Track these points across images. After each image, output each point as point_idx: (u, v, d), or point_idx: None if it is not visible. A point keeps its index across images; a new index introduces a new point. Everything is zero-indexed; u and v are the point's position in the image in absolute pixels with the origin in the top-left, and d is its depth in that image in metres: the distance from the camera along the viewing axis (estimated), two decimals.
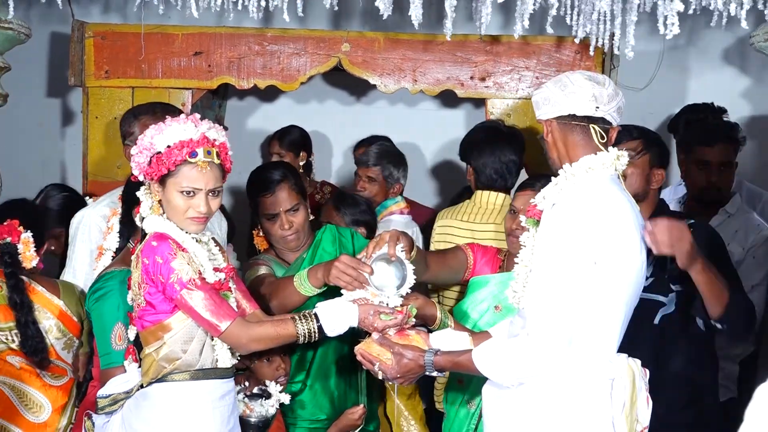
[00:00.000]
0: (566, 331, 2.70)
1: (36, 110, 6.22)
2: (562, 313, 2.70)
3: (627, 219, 2.79)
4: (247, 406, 3.42)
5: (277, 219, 3.62)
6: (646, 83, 5.73)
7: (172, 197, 2.98)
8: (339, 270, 3.17)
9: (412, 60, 4.81)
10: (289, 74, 4.81)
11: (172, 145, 2.95)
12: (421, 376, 3.05)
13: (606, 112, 2.86)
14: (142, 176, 3.01)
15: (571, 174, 2.86)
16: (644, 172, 3.42)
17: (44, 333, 3.56)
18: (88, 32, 4.75)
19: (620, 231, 2.76)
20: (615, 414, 2.75)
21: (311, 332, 3.00)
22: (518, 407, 2.85)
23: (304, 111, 6.38)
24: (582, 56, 4.68)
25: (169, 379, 3.00)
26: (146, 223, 3.03)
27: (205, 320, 2.92)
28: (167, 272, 2.90)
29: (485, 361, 2.83)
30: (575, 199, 2.78)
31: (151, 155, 2.96)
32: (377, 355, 3.02)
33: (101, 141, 4.73)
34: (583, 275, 2.70)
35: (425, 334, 3.14)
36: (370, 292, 3.15)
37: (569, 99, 2.85)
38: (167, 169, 2.95)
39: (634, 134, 3.44)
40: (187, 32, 4.78)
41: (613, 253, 2.73)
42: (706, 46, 5.96)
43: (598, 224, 2.72)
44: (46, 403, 3.54)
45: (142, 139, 2.99)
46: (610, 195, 2.80)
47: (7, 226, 3.59)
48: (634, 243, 2.80)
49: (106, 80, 4.76)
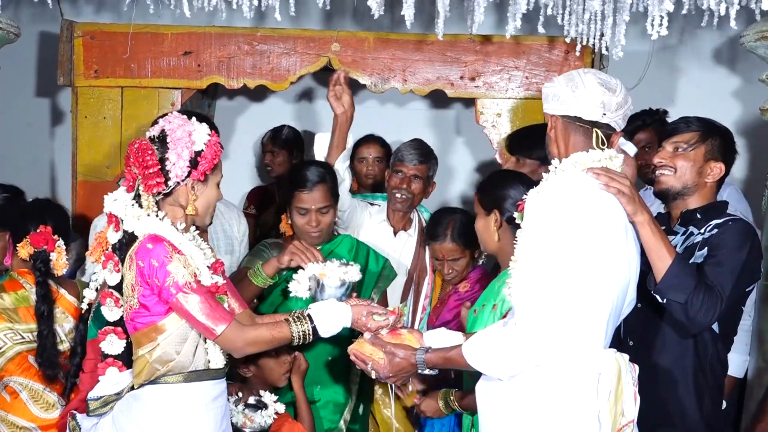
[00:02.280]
0: (552, 318, 2.70)
1: (25, 110, 6.19)
2: (545, 301, 2.70)
3: (606, 212, 2.79)
4: (247, 417, 3.42)
5: (308, 215, 3.84)
6: (635, 83, 5.74)
7: (212, 191, 3.08)
8: (293, 250, 3.60)
9: (401, 60, 4.81)
10: (279, 74, 4.81)
11: (207, 141, 3.00)
12: (413, 374, 3.06)
13: (612, 119, 2.88)
14: (179, 179, 3.00)
15: (560, 170, 2.88)
16: (697, 164, 3.35)
17: (64, 336, 3.59)
18: (77, 32, 4.74)
19: (598, 223, 2.76)
20: (601, 407, 2.75)
21: (306, 333, 3.01)
22: (508, 402, 2.85)
23: (293, 111, 6.38)
24: (571, 56, 4.68)
25: (162, 381, 2.98)
26: (140, 224, 2.99)
27: (201, 324, 2.91)
28: (163, 275, 2.88)
29: (475, 353, 2.84)
30: (554, 190, 2.80)
31: (192, 156, 2.99)
32: (370, 355, 3.02)
33: (91, 141, 4.72)
34: (563, 266, 2.70)
35: (418, 332, 3.15)
36: (323, 267, 3.49)
37: (578, 101, 2.86)
38: (213, 165, 3.03)
39: (692, 126, 3.39)
40: (177, 32, 4.76)
41: (593, 246, 2.73)
42: (696, 46, 5.97)
43: (576, 216, 2.73)
44: (58, 402, 3.54)
45: (177, 142, 2.97)
46: (589, 188, 2.81)
47: (44, 235, 3.58)
48: (616, 236, 2.81)
49: (95, 80, 4.74)
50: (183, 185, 3.01)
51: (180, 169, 2.97)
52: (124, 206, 3.02)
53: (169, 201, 3.04)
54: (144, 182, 2.98)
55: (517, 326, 2.75)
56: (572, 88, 2.88)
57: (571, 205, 2.75)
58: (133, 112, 4.74)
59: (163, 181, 2.98)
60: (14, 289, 3.59)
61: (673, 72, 6.05)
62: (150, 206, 3.00)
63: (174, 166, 2.97)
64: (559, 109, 2.91)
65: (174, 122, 3.00)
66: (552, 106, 2.94)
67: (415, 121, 6.37)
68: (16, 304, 3.56)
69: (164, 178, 2.98)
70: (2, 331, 3.52)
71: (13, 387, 3.50)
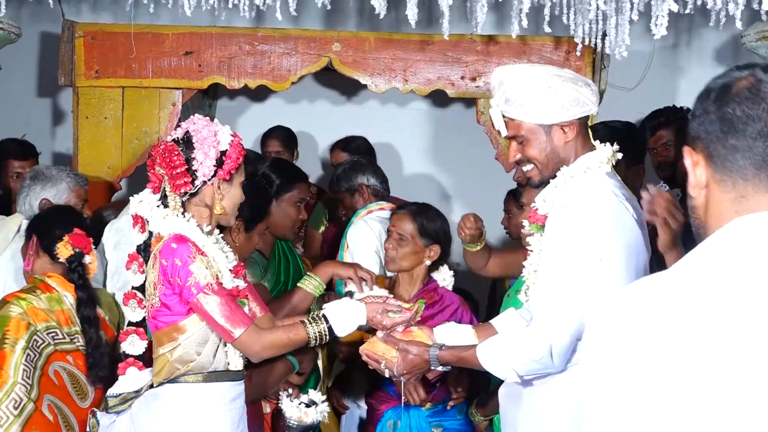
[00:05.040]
0: (569, 327, 2.70)
1: (26, 110, 6.19)
2: (566, 310, 2.70)
3: (629, 215, 2.79)
4: (303, 412, 3.41)
5: (302, 208, 3.98)
6: (637, 83, 5.74)
7: (236, 191, 3.07)
8: (361, 274, 3.51)
9: (402, 60, 4.81)
10: (280, 74, 4.81)
11: (231, 141, 3.01)
12: (426, 371, 3.06)
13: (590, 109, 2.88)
14: (206, 178, 3.00)
15: (569, 176, 2.85)
16: None
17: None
18: (78, 32, 4.74)
19: (623, 227, 2.76)
20: None
21: (322, 334, 3.00)
22: (535, 407, 2.85)
23: (294, 111, 6.37)
24: (572, 56, 4.68)
25: (182, 381, 2.98)
26: (166, 224, 2.99)
27: (220, 326, 2.91)
28: (185, 275, 2.88)
29: (489, 357, 2.84)
30: (578, 200, 2.78)
31: (218, 155, 2.99)
32: (382, 354, 3.02)
33: (92, 141, 4.72)
34: (589, 272, 2.69)
35: (428, 329, 3.14)
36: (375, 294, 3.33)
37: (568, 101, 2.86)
38: (237, 164, 3.03)
39: None
40: (178, 32, 4.77)
41: (618, 249, 2.72)
42: (698, 45, 5.97)
43: (602, 222, 2.72)
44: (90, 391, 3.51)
45: (203, 141, 2.97)
46: (611, 193, 2.79)
47: (82, 238, 3.52)
48: (638, 238, 2.80)
49: (96, 80, 4.74)
50: (209, 185, 3.02)
51: (207, 168, 2.99)
52: (150, 207, 3.03)
53: (194, 201, 3.05)
54: (171, 182, 2.99)
55: (534, 332, 2.75)
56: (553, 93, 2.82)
57: (594, 215, 2.73)
58: (134, 112, 4.74)
59: (190, 181, 2.99)
60: (49, 291, 3.55)
61: (675, 71, 6.04)
62: (177, 207, 3.00)
63: (201, 165, 2.98)
64: (564, 116, 2.84)
65: (198, 123, 3.03)
66: (557, 114, 2.84)
67: (415, 121, 6.37)
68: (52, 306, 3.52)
69: (191, 178, 2.99)
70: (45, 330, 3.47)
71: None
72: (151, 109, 4.73)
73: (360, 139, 5.58)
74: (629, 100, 5.45)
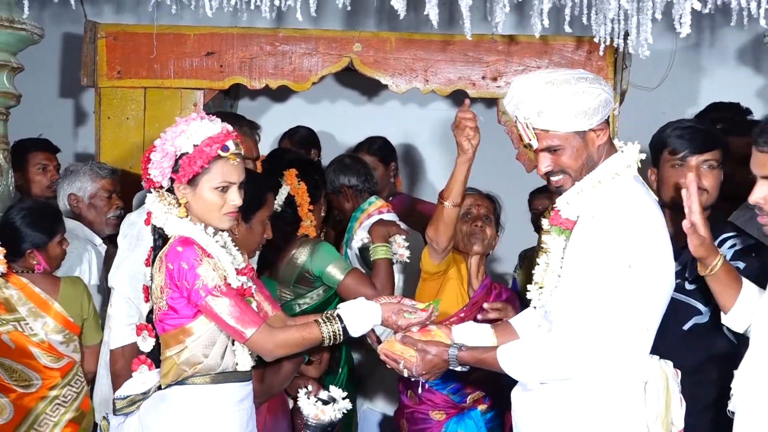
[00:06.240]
0: (594, 335, 2.68)
1: (48, 111, 6.22)
2: (592, 318, 2.69)
3: (659, 222, 2.76)
4: (320, 409, 3.39)
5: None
6: (659, 83, 5.71)
7: (206, 195, 2.95)
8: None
9: (423, 60, 4.80)
10: (301, 74, 4.81)
11: (200, 143, 2.92)
12: (445, 370, 3.04)
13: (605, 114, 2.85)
14: (167, 181, 2.97)
15: (597, 181, 2.80)
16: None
17: (39, 329, 3.80)
18: (100, 33, 4.76)
19: (653, 235, 2.73)
20: (649, 418, 2.72)
21: (336, 334, 2.97)
22: (550, 411, 2.83)
23: (315, 111, 6.37)
24: (594, 56, 4.66)
25: (189, 382, 2.97)
26: (169, 226, 2.99)
27: (231, 327, 2.89)
28: (192, 278, 2.87)
29: (510, 360, 2.83)
30: (612, 209, 2.73)
31: (177, 158, 2.94)
32: (401, 353, 3.01)
33: (114, 141, 4.74)
34: (618, 280, 2.67)
35: (446, 328, 3.13)
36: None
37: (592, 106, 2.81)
38: (201, 168, 2.92)
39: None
40: (199, 32, 4.78)
41: (648, 257, 2.70)
42: (721, 44, 5.93)
43: (634, 231, 2.69)
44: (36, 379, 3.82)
45: (162, 144, 2.95)
46: (641, 199, 2.77)
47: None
48: (667, 245, 2.78)
49: (118, 80, 4.77)
50: (177, 188, 2.99)
51: (159, 170, 2.95)
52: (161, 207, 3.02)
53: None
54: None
55: (558, 339, 2.74)
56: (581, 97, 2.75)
57: (626, 223, 2.71)
58: (155, 112, 4.76)
59: (149, 180, 2.99)
60: None
61: (697, 71, 6.00)
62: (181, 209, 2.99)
63: (154, 167, 2.96)
64: (596, 119, 2.79)
65: (178, 124, 2.99)
66: (591, 118, 2.77)
67: (436, 121, 6.36)
68: None
69: (149, 177, 2.99)
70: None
71: None
72: (172, 109, 4.74)
73: (381, 139, 5.57)
74: (651, 99, 5.43)
